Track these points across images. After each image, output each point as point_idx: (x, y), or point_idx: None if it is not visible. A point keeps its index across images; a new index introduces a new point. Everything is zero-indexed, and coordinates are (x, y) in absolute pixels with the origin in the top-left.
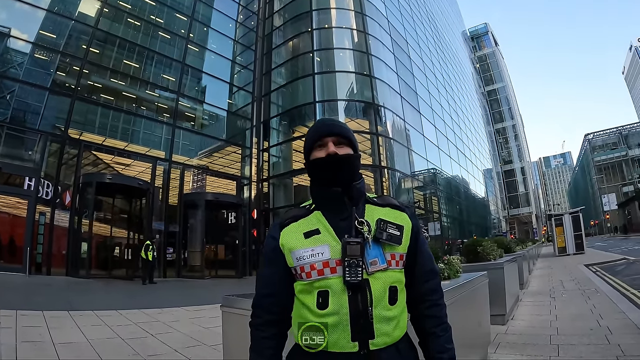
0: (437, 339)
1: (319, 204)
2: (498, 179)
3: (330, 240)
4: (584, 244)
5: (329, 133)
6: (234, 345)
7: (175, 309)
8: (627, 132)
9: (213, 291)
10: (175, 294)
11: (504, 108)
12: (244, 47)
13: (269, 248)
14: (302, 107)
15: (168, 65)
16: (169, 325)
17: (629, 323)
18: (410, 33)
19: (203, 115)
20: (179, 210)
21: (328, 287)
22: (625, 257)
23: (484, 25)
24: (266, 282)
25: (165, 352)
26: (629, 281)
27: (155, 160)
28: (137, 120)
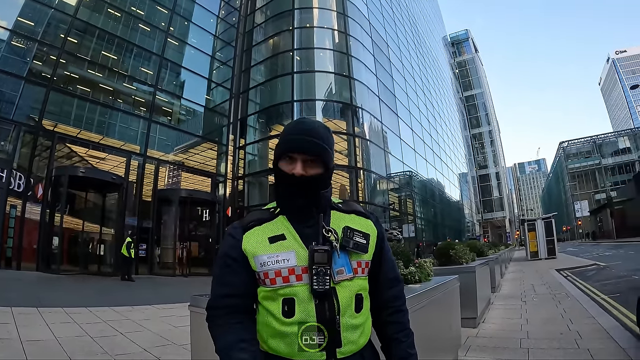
0: (400, 344)
1: (285, 209)
2: (473, 183)
3: (297, 246)
4: (556, 249)
5: (299, 149)
6: (202, 346)
7: (146, 307)
8: (601, 142)
9: (185, 289)
10: (146, 291)
11: (481, 114)
12: (224, 43)
13: (228, 247)
14: (280, 105)
15: (147, 58)
16: (139, 323)
17: (598, 328)
18: (391, 36)
19: (180, 111)
20: (152, 206)
21: (294, 295)
22: (595, 263)
23: (465, 31)
24: (225, 283)
25: (134, 351)
26: (599, 286)
27: (129, 154)
28: (113, 113)
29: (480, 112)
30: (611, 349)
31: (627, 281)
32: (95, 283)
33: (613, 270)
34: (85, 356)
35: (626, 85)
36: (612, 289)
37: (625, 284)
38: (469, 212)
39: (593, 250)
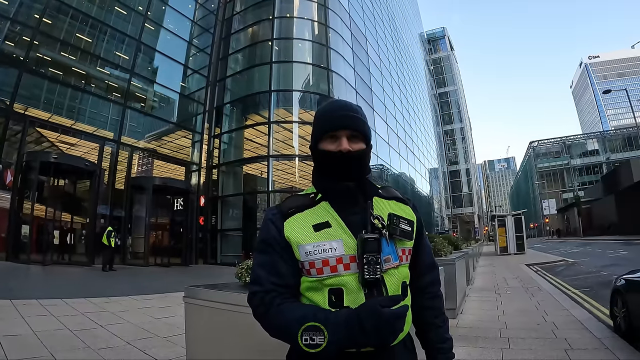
0: (438, 329)
1: (327, 195)
2: (443, 178)
3: (343, 235)
4: (525, 245)
5: (343, 125)
6: (198, 338)
7: (123, 298)
8: (571, 143)
9: (160, 280)
10: (121, 282)
11: (454, 111)
12: (202, 30)
13: (270, 236)
14: (257, 95)
15: (121, 41)
16: (118, 315)
17: (573, 319)
18: (370, 30)
19: (154, 97)
20: (125, 194)
21: (342, 285)
22: (564, 259)
23: (442, 29)
24: (269, 270)
25: (117, 344)
26: (569, 281)
27: (103, 140)
28: (86, 98)
29: (453, 109)
30: (587, 339)
31: (596, 277)
32: (68, 273)
33: (582, 267)
34: (67, 351)
35: (597, 90)
36: (582, 283)
37: (594, 279)
38: (439, 207)
39: (560, 247)
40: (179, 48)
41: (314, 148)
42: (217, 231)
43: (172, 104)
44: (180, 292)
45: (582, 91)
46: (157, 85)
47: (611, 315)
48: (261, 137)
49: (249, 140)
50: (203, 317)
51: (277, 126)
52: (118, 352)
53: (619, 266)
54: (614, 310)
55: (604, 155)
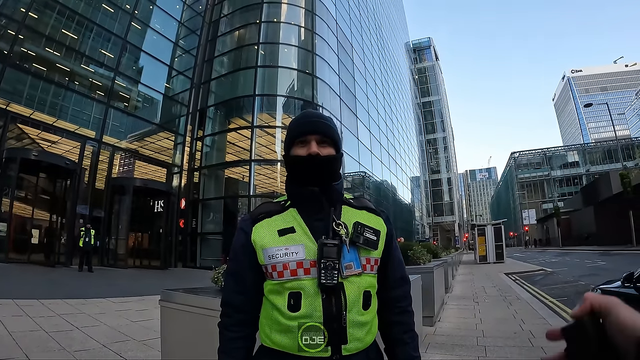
0: (405, 346)
1: (295, 202)
2: (425, 187)
3: (306, 240)
4: (504, 254)
5: (312, 131)
6: (174, 342)
7: (100, 300)
8: (552, 154)
9: (138, 282)
10: (98, 283)
11: (437, 120)
12: (189, 31)
13: (239, 243)
14: (241, 99)
15: (107, 39)
16: (95, 317)
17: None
18: (356, 37)
19: (138, 97)
20: (105, 194)
21: (301, 289)
22: (542, 269)
23: (428, 39)
24: (237, 279)
25: (92, 347)
26: (547, 290)
27: (84, 139)
28: (69, 95)
29: (436, 118)
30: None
31: (574, 286)
32: (45, 273)
33: (560, 276)
34: (42, 352)
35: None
36: (559, 292)
37: (572, 288)
38: (420, 215)
39: (539, 257)
40: (164, 49)
41: (287, 155)
42: (197, 234)
43: (156, 105)
44: (158, 295)
45: (564, 104)
46: (141, 85)
47: None
48: (244, 141)
49: (231, 143)
50: (179, 321)
51: (260, 130)
52: (93, 354)
53: (596, 276)
54: None
55: (584, 167)
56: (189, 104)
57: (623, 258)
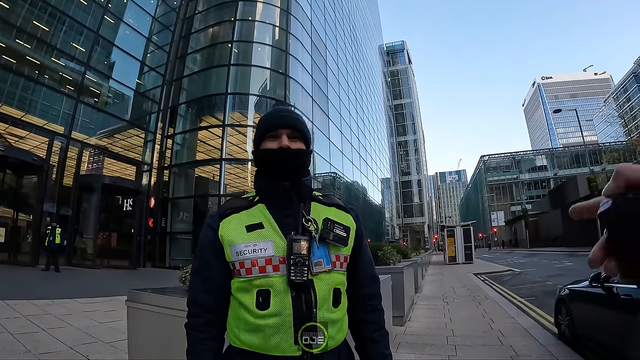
0: (376, 344)
1: (264, 197)
2: (395, 188)
3: (275, 236)
4: (473, 255)
5: (283, 125)
6: (141, 343)
7: (67, 300)
8: (520, 158)
9: (107, 282)
10: (66, 284)
11: (408, 123)
12: (163, 27)
13: (206, 239)
14: (213, 97)
15: (79, 33)
16: (61, 319)
17: (518, 327)
18: (330, 39)
19: (108, 93)
20: (73, 192)
21: (269, 286)
22: (511, 269)
23: (401, 42)
24: (203, 278)
25: (59, 349)
26: (515, 290)
27: (53, 135)
28: (38, 89)
29: (408, 121)
30: (533, 346)
31: (541, 286)
32: (10, 273)
33: (528, 276)
34: (7, 355)
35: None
36: (527, 292)
37: (539, 288)
38: (390, 216)
39: (508, 258)
40: (137, 44)
41: (257, 150)
42: (167, 234)
43: (126, 101)
44: (126, 296)
45: (533, 109)
46: (112, 81)
47: (556, 323)
48: (215, 140)
49: (202, 142)
50: (146, 322)
51: (231, 129)
52: (60, 356)
53: (563, 276)
54: (559, 319)
55: (551, 171)
56: (160, 101)
57: None
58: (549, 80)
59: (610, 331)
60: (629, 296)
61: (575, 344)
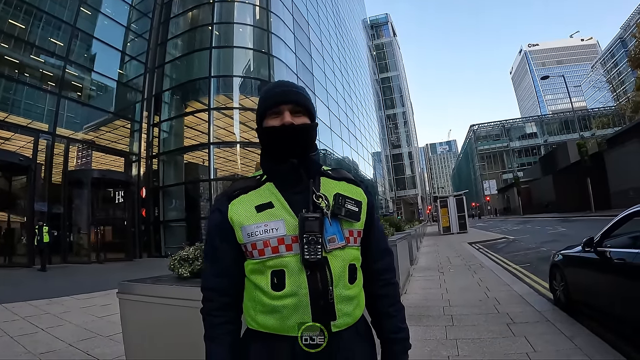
0: (392, 318)
1: (271, 176)
2: (386, 162)
3: (285, 215)
4: (467, 224)
5: (285, 100)
6: (135, 334)
7: (65, 298)
8: (510, 126)
9: (103, 276)
10: (62, 281)
11: (396, 95)
12: (141, 14)
13: (214, 222)
14: (197, 81)
15: (57, 27)
16: (60, 317)
17: (514, 294)
18: (312, 14)
19: (91, 86)
20: (63, 189)
21: (284, 266)
22: (505, 237)
23: (385, 15)
24: (215, 262)
25: (59, 347)
26: (509, 257)
27: (37, 133)
28: (20, 88)
29: (395, 94)
30: (529, 313)
31: (536, 252)
32: (6, 275)
33: (522, 243)
34: (8, 358)
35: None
36: (522, 259)
37: (534, 255)
38: (382, 190)
39: (501, 225)
40: (116, 34)
41: (260, 128)
42: (160, 223)
43: (110, 93)
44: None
45: (521, 77)
46: (94, 73)
47: (551, 289)
48: (202, 125)
49: (189, 128)
50: (138, 313)
51: (217, 113)
52: (60, 355)
53: (557, 242)
54: (553, 284)
55: (541, 138)
56: (143, 90)
57: (582, 224)
58: (535, 47)
59: (604, 295)
60: (622, 260)
61: (570, 309)
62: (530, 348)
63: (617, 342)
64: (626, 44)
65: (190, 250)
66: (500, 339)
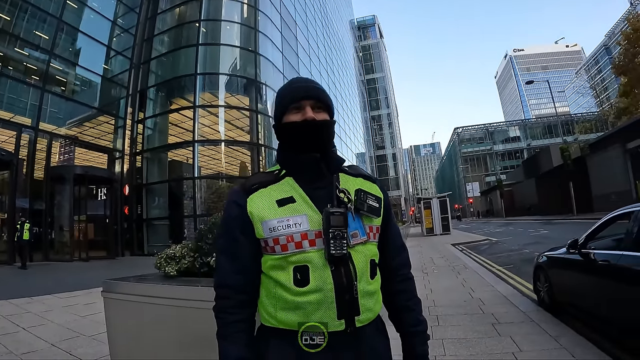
0: (411, 312)
1: (292, 170)
2: (370, 163)
3: (308, 209)
4: (450, 226)
5: (307, 96)
6: (120, 334)
7: (46, 296)
8: (494, 130)
9: (86, 275)
10: (44, 279)
11: (381, 97)
12: (128, 9)
13: (231, 216)
14: (182, 78)
15: (42, 20)
16: (42, 316)
17: (498, 294)
18: (300, 14)
19: (75, 80)
20: (45, 185)
21: (307, 262)
22: (488, 238)
23: (372, 16)
24: (232, 257)
25: (41, 347)
26: (492, 259)
27: (20, 128)
28: (3, 82)
29: (381, 95)
30: (513, 313)
31: (519, 254)
32: None
33: (504, 245)
34: None
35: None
36: (505, 261)
37: (517, 256)
38: None
39: (484, 227)
40: (102, 28)
41: (279, 124)
42: (143, 221)
43: (94, 88)
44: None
45: (506, 81)
46: (79, 68)
47: (535, 290)
48: (186, 122)
49: (173, 125)
50: (124, 312)
51: (202, 110)
52: (42, 355)
53: (540, 244)
54: (537, 285)
55: (525, 142)
56: (128, 86)
57: (565, 227)
58: (520, 52)
59: (589, 296)
60: (607, 262)
61: (554, 309)
62: (516, 348)
63: (602, 342)
64: (610, 51)
65: (177, 248)
66: (486, 338)
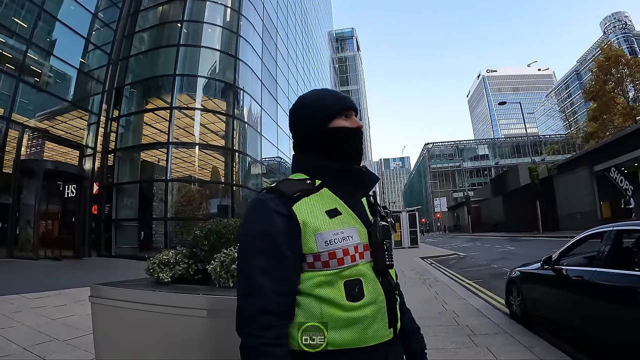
0: (405, 314)
1: (330, 180)
2: None
3: (355, 222)
4: (418, 239)
5: (354, 107)
6: (109, 342)
7: (14, 296)
8: (463, 147)
9: (53, 274)
10: (9, 277)
11: None
12: (110, 3)
13: (276, 228)
14: (160, 78)
15: (21, 5)
16: (11, 317)
17: (470, 307)
18: (282, 22)
19: (50, 72)
20: (13, 178)
21: (361, 275)
22: (456, 253)
23: (351, 29)
24: (278, 276)
25: (13, 351)
26: (462, 273)
27: None
28: None
29: None
30: (487, 325)
31: (487, 269)
32: None
33: (473, 260)
34: None
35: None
36: (474, 275)
37: (485, 271)
38: None
39: (451, 242)
40: (82, 20)
41: (324, 129)
42: (112, 221)
43: (69, 81)
44: (75, 288)
45: (477, 100)
46: (54, 59)
47: (507, 304)
48: (161, 123)
49: (148, 125)
50: (113, 318)
51: (178, 112)
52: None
53: (507, 260)
54: (510, 299)
55: (493, 160)
56: (105, 82)
57: (531, 243)
58: (493, 73)
59: (562, 310)
60: (580, 277)
61: (527, 322)
62: (493, 357)
63: (574, 353)
64: (581, 76)
65: (170, 254)
66: (463, 349)
